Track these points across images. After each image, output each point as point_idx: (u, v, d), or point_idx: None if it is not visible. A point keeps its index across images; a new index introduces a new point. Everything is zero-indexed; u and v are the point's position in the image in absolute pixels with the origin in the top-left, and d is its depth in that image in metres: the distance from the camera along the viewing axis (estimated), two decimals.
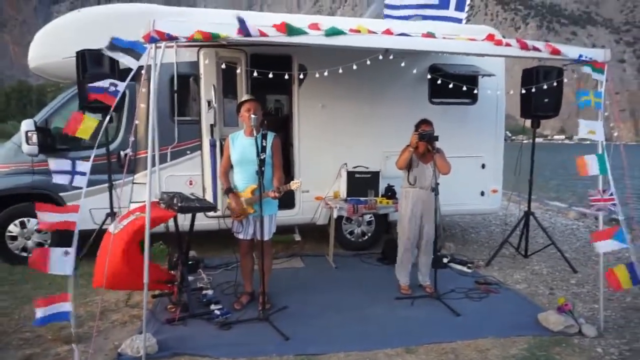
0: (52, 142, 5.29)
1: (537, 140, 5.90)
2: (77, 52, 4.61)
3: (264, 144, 3.85)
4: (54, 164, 2.89)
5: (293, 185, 3.87)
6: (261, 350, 3.34)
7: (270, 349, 3.36)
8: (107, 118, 3.18)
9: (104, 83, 2.86)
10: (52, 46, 5.21)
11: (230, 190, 4.02)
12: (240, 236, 4.09)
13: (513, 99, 5.66)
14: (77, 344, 3.02)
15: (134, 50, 2.86)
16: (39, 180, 5.23)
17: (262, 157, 3.76)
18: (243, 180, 3.99)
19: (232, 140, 4.02)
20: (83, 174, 2.86)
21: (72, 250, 2.83)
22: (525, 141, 6.10)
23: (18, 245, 5.31)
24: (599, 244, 3.72)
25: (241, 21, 3.13)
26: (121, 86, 2.93)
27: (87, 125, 2.79)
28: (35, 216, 5.14)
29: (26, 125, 4.97)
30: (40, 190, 5.22)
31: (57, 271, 2.79)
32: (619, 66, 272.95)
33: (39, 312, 2.77)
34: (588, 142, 3.85)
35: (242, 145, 3.95)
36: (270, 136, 3.95)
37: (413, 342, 3.49)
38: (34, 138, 4.96)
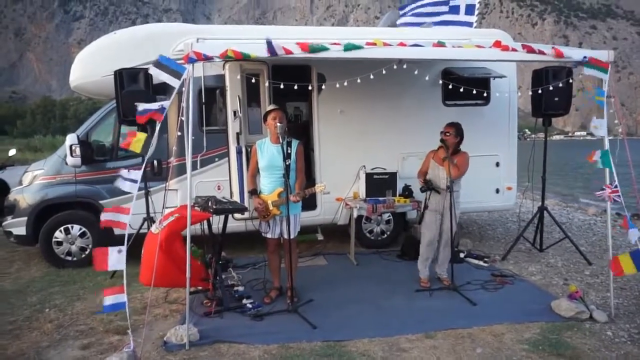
0: (92, 153, 5.75)
1: (559, 137, 6.11)
2: (115, 71, 5.05)
3: (289, 150, 4.19)
4: (124, 172, 3.32)
5: (318, 188, 4.21)
6: (291, 337, 3.66)
7: (300, 336, 3.68)
8: (157, 132, 3.53)
9: (152, 105, 3.25)
10: (92, 66, 5.70)
11: (255, 192, 4.37)
12: (269, 235, 4.43)
13: (524, 97, 5.87)
14: (124, 334, 3.39)
15: (175, 70, 3.24)
16: (81, 189, 5.69)
17: (287, 163, 4.09)
18: (270, 184, 4.32)
19: (259, 148, 4.36)
20: (134, 181, 3.24)
21: (124, 248, 3.21)
22: (542, 138, 6.26)
23: (63, 250, 5.76)
24: (631, 232, 3.85)
25: (269, 43, 3.48)
26: (167, 104, 3.31)
27: (138, 139, 3.20)
28: (77, 222, 5.69)
29: (70, 139, 5.43)
30: (82, 199, 5.68)
31: (114, 267, 3.18)
32: None
33: (108, 300, 3.15)
34: (611, 137, 4.05)
35: (269, 152, 4.28)
36: (295, 143, 4.29)
37: (432, 328, 3.77)
38: (78, 151, 5.41)
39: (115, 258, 3.16)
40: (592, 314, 3.96)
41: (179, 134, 3.74)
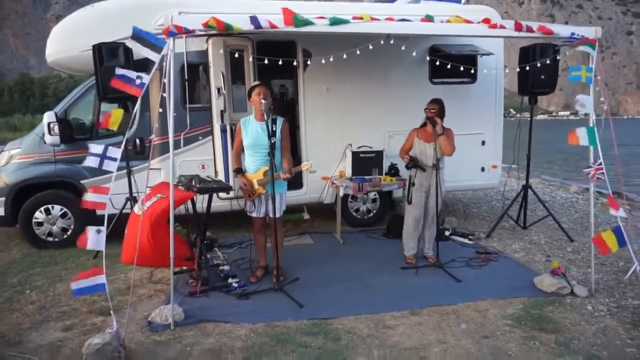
0: (72, 132, 5.59)
1: (543, 117, 6.15)
2: (94, 46, 4.86)
3: (274, 128, 4.12)
4: (91, 147, 3.19)
5: (304, 167, 4.17)
6: (278, 316, 3.66)
7: (286, 314, 3.68)
8: (137, 109, 3.41)
9: (131, 74, 3.12)
10: (69, 40, 5.47)
11: (240, 171, 4.30)
12: (254, 214, 4.39)
13: (509, 76, 5.86)
14: (108, 315, 3.35)
15: (155, 44, 3.11)
16: (61, 168, 5.54)
17: (272, 141, 4.03)
18: (255, 162, 4.26)
19: (243, 125, 4.27)
20: (114, 159, 3.14)
21: (102, 228, 3.13)
22: (527, 118, 6.29)
23: (44, 230, 5.63)
24: (613, 210, 3.88)
25: (253, 18, 3.37)
26: (146, 79, 3.18)
27: (115, 117, 3.09)
28: (58, 203, 5.56)
29: (48, 117, 5.26)
30: (63, 179, 5.54)
31: (93, 247, 3.11)
32: (627, 38, 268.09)
33: (76, 285, 3.10)
34: (595, 117, 4.01)
35: (254, 130, 4.20)
36: (280, 121, 4.22)
37: (417, 305, 3.80)
38: (56, 129, 5.25)
39: (95, 238, 3.09)
40: (573, 289, 4.03)
41: (161, 111, 3.63)
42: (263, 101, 4.05)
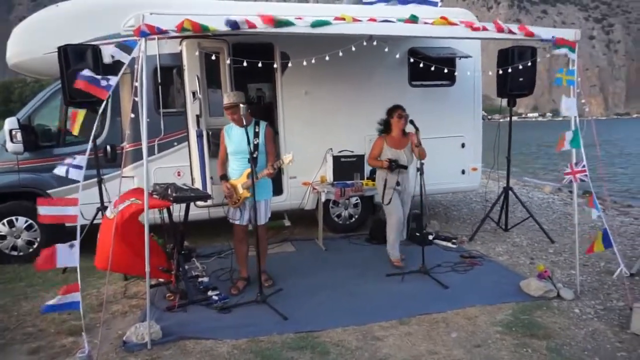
0: (36, 139, 5.27)
1: (514, 118, 6.14)
2: (59, 47, 4.57)
3: (257, 130, 4.05)
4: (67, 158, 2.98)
5: (286, 159, 4.00)
6: (262, 330, 3.48)
7: (271, 328, 3.50)
8: (100, 111, 3.20)
9: (97, 75, 2.91)
10: (32, 42, 5.14)
11: (225, 177, 4.17)
12: (237, 222, 4.21)
13: (489, 79, 5.86)
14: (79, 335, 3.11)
15: (126, 45, 2.90)
16: (25, 178, 5.21)
17: (255, 142, 3.94)
18: (238, 168, 4.12)
19: (227, 132, 4.15)
20: (79, 167, 2.91)
21: (76, 242, 2.90)
22: (501, 120, 6.33)
23: (7, 244, 5.28)
24: (594, 210, 3.91)
25: (231, 22, 3.21)
26: (113, 80, 2.98)
27: (78, 118, 2.87)
28: (22, 214, 5.23)
29: (9, 123, 4.93)
30: (27, 189, 5.21)
31: (65, 264, 2.87)
32: (589, 43, 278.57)
33: (50, 301, 2.85)
34: (560, 119, 4.05)
35: (237, 136, 4.08)
36: (263, 125, 4.14)
37: (405, 314, 3.69)
38: (19, 136, 4.93)
39: (67, 254, 2.85)
40: (559, 292, 4.01)
41: (132, 116, 3.42)
42: (242, 105, 3.90)
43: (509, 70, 4.97)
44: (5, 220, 5.24)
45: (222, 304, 3.95)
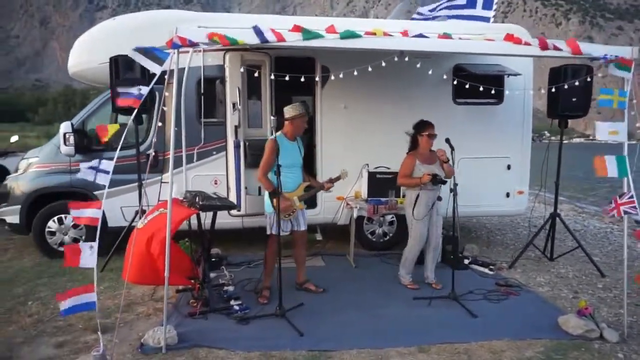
0: (89, 143, 5.61)
1: (578, 140, 5.81)
2: (111, 58, 4.87)
3: (299, 143, 4.36)
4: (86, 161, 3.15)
5: (343, 175, 4.51)
6: (275, 345, 3.44)
7: (284, 344, 3.46)
8: (131, 120, 3.36)
9: (133, 90, 3.06)
10: (89, 53, 5.54)
11: (276, 194, 3.99)
12: (285, 233, 4.29)
13: (544, 98, 5.54)
14: (102, 333, 3.21)
15: (156, 55, 3.03)
16: (76, 179, 5.53)
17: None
18: (293, 181, 4.29)
19: (281, 144, 4.15)
20: (106, 172, 3.05)
21: (95, 244, 3.02)
22: (565, 142, 5.93)
23: (56, 240, 5.64)
24: None
25: (258, 32, 3.26)
26: (145, 90, 3.10)
27: (111, 132, 3.02)
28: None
29: (64, 127, 5.30)
30: (77, 189, 5.54)
31: (85, 265, 2.99)
32: None
33: (63, 305, 2.98)
34: (603, 142, 3.75)
35: (290, 149, 4.24)
36: (299, 139, 4.39)
37: (426, 341, 3.51)
38: (71, 139, 5.28)
39: (87, 255, 2.98)
40: (602, 332, 3.65)
41: (161, 124, 3.54)
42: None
43: (565, 87, 4.65)
44: (55, 218, 5.60)
45: (242, 315, 3.97)
